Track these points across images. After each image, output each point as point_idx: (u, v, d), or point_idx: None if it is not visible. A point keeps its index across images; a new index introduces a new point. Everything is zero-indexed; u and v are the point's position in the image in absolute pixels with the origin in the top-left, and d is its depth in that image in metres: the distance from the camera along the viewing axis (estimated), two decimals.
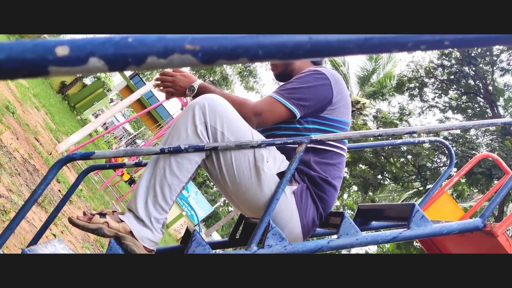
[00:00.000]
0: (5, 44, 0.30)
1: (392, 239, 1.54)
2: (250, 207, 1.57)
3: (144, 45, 0.31)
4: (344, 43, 0.34)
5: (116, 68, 0.32)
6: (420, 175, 12.24)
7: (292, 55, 0.34)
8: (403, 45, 0.35)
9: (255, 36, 0.33)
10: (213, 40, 0.32)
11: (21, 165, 3.69)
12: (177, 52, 0.32)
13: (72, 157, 1.39)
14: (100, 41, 0.31)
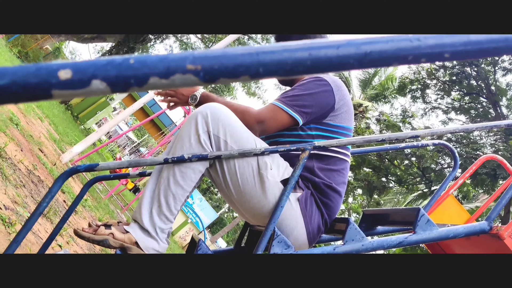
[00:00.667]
0: (8, 68, 0.30)
1: (398, 244, 1.54)
2: (255, 215, 1.57)
3: (145, 66, 0.32)
4: (344, 59, 0.34)
5: (118, 90, 0.32)
6: (424, 177, 12.21)
7: (292, 72, 0.34)
8: (403, 58, 0.35)
9: (255, 53, 0.33)
10: (214, 59, 0.33)
11: (26, 177, 3.70)
12: (179, 72, 0.32)
13: (76, 169, 1.40)
14: (102, 63, 0.31)
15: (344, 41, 0.35)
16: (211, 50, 0.33)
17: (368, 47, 0.34)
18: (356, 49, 0.34)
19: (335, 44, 0.34)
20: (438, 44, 0.35)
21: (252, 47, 0.33)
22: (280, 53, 0.34)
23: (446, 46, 0.35)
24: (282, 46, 0.34)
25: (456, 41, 0.36)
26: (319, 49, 0.34)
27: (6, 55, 11.80)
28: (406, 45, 0.35)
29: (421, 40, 0.35)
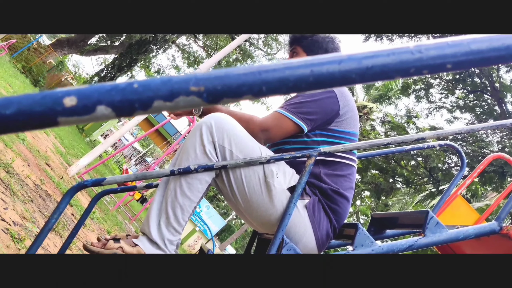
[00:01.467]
0: (13, 98, 0.31)
1: (408, 248, 1.53)
2: (263, 223, 1.56)
3: (149, 90, 0.32)
4: (346, 74, 0.34)
5: (123, 115, 0.32)
6: (432, 177, 12.15)
7: (295, 89, 0.34)
8: (405, 71, 0.35)
9: (257, 72, 0.34)
10: (216, 80, 0.33)
11: (34, 192, 3.72)
12: (182, 95, 0.32)
13: (83, 184, 1.40)
14: (106, 89, 0.32)
15: (345, 56, 0.35)
16: (214, 71, 0.33)
17: (369, 61, 0.34)
18: (358, 63, 0.34)
19: (336, 60, 0.35)
20: (439, 56, 0.35)
21: (254, 66, 0.34)
22: (282, 71, 0.34)
23: (448, 57, 0.35)
24: (284, 63, 0.34)
25: (457, 52, 0.36)
26: (321, 65, 0.34)
27: (10, 71, 11.90)
28: (407, 58, 0.35)
29: (422, 51, 0.35)
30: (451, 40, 0.36)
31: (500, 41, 0.36)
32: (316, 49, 1.84)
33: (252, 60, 20.75)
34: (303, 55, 1.84)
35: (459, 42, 0.36)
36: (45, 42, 22.31)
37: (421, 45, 0.36)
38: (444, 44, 0.36)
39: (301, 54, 1.85)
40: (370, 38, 13.75)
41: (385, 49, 0.35)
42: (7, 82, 8.49)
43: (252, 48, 20.73)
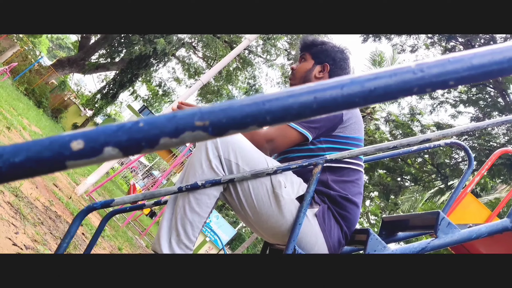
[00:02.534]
0: (21, 145, 0.31)
1: (421, 251, 1.52)
2: (274, 234, 1.56)
3: (155, 128, 0.32)
4: (349, 98, 0.34)
5: (130, 153, 0.32)
6: (439, 173, 12.09)
7: (299, 116, 0.34)
8: (408, 91, 0.35)
9: (261, 102, 0.34)
10: (221, 113, 0.33)
11: (43, 214, 3.73)
12: (188, 130, 0.33)
13: (93, 207, 1.41)
14: (112, 130, 0.32)
15: (348, 80, 0.35)
16: (217, 104, 0.34)
17: (372, 83, 0.35)
18: (361, 87, 0.34)
19: (339, 84, 0.35)
20: (441, 73, 0.35)
21: (257, 96, 0.34)
22: (286, 99, 0.34)
23: (450, 73, 0.35)
24: (287, 92, 0.34)
25: (459, 68, 0.36)
26: (324, 91, 0.34)
27: (13, 94, 12.00)
28: (410, 78, 0.35)
29: (424, 70, 0.35)
30: (452, 57, 0.36)
31: (501, 54, 0.36)
32: (323, 57, 1.86)
33: (252, 68, 20.81)
34: (310, 62, 1.88)
35: (460, 58, 0.36)
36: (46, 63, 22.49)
37: (422, 64, 0.36)
38: (445, 61, 0.36)
39: (309, 60, 1.89)
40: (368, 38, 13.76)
41: (387, 70, 0.35)
42: (11, 105, 8.55)
43: (251, 55, 20.80)
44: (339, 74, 1.88)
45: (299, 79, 1.90)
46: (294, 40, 19.90)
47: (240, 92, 21.30)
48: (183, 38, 20.10)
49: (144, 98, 22.71)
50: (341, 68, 1.88)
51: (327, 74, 1.87)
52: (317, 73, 1.87)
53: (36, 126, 9.22)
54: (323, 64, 1.87)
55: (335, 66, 1.87)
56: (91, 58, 20.97)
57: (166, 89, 22.48)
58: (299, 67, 1.92)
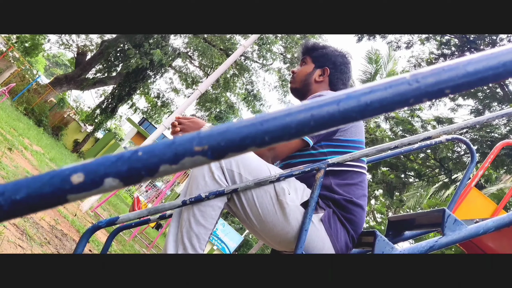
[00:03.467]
0: (22, 182, 0.31)
1: (429, 249, 1.51)
2: (281, 242, 1.55)
3: (154, 156, 0.32)
4: (346, 113, 0.34)
5: (131, 183, 0.32)
6: (443, 167, 12.06)
7: (298, 134, 0.34)
8: (404, 102, 0.35)
9: (258, 123, 0.34)
10: (219, 136, 0.33)
11: (49, 233, 3.73)
12: (187, 156, 0.33)
13: (98, 226, 1.41)
14: (111, 161, 0.32)
15: (343, 95, 0.35)
16: (216, 128, 0.34)
17: (368, 97, 0.35)
18: (357, 101, 0.34)
19: (335, 100, 0.35)
20: (437, 82, 0.35)
21: (255, 117, 0.34)
22: (283, 118, 0.34)
23: (445, 82, 0.35)
24: (284, 111, 0.34)
25: (454, 76, 0.36)
26: (320, 107, 0.34)
27: (13, 115, 12.03)
28: (405, 89, 0.35)
29: (419, 81, 0.35)
30: (446, 65, 0.36)
31: (496, 59, 0.36)
32: (324, 61, 1.88)
33: (249, 73, 20.84)
34: (311, 65, 1.89)
35: (455, 65, 0.36)
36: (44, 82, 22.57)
37: (417, 74, 0.36)
38: (440, 70, 0.36)
39: (309, 64, 1.90)
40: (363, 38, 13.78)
41: (382, 83, 0.35)
42: (11, 126, 8.57)
43: (247, 61, 20.85)
44: (340, 78, 1.88)
45: (299, 82, 1.91)
46: (289, 44, 19.95)
47: (238, 99, 21.33)
48: (178, 48, 20.17)
49: (143, 110, 22.74)
50: (342, 72, 1.88)
51: (327, 78, 1.88)
52: (317, 76, 1.88)
53: (37, 145, 9.24)
54: (323, 68, 1.87)
55: (335, 70, 1.87)
56: (88, 74, 21.04)
57: (164, 100, 22.52)
58: (299, 71, 1.93)
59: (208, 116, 20.48)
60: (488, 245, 2.01)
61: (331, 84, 1.89)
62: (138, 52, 17.62)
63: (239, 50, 7.59)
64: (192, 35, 19.42)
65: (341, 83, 1.90)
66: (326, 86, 1.89)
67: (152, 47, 17.53)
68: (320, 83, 1.89)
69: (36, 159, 6.89)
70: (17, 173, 4.69)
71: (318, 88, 1.87)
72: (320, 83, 1.89)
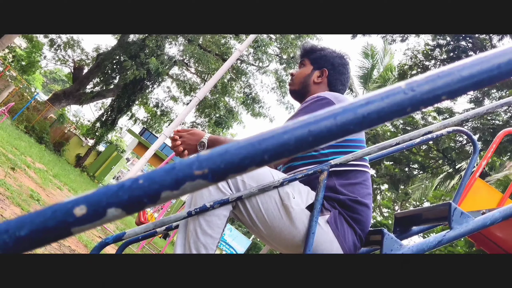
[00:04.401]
0: (25, 218, 0.31)
1: (438, 244, 1.51)
2: (288, 246, 1.55)
3: (154, 183, 0.32)
4: (344, 126, 0.34)
5: (134, 211, 0.32)
6: (446, 158, 12.04)
7: (297, 150, 0.34)
8: (402, 111, 0.35)
9: (257, 143, 0.34)
10: (218, 158, 0.33)
11: (57, 250, 3.73)
12: (188, 180, 0.33)
13: (105, 243, 1.41)
14: (113, 191, 0.32)
15: (340, 109, 0.35)
16: (215, 150, 0.34)
17: (364, 109, 0.35)
18: (354, 114, 0.34)
19: (332, 114, 0.35)
20: (432, 89, 0.35)
21: (253, 137, 0.34)
22: (280, 136, 0.34)
23: (441, 88, 0.35)
24: (281, 128, 0.34)
25: (449, 81, 0.36)
26: (317, 122, 0.34)
27: (14, 134, 12.05)
28: (401, 98, 0.35)
29: (415, 89, 0.35)
30: (441, 71, 0.36)
31: (489, 62, 0.36)
32: (322, 63, 1.89)
33: (246, 77, 20.86)
34: (309, 67, 1.91)
35: (449, 71, 0.36)
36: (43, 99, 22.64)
37: (412, 83, 0.36)
38: (435, 77, 0.36)
39: (308, 66, 1.92)
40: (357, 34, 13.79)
41: (378, 93, 0.35)
42: (13, 145, 8.59)
43: (243, 65, 20.87)
44: (338, 79, 1.89)
45: (298, 84, 1.92)
46: (284, 45, 19.97)
47: (237, 103, 21.34)
48: (174, 56, 20.21)
49: (143, 121, 22.77)
50: (340, 73, 1.89)
51: (326, 79, 1.88)
52: (315, 78, 1.89)
53: (40, 162, 9.25)
54: (322, 69, 1.88)
55: (333, 71, 1.88)
56: (86, 88, 21.08)
57: (163, 109, 22.55)
58: (298, 73, 1.94)
59: (208, 122, 20.50)
60: (497, 235, 2.01)
61: (330, 85, 1.89)
62: (134, 63, 17.66)
63: (235, 55, 7.60)
64: (187, 42, 19.46)
65: (340, 84, 1.90)
66: (325, 87, 1.89)
67: (147, 56, 17.57)
68: (319, 84, 1.89)
69: (39, 176, 6.90)
70: (21, 193, 4.70)
71: (317, 90, 1.88)
72: (319, 84, 1.89)
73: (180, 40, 20.35)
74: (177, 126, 7.44)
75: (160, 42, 18.38)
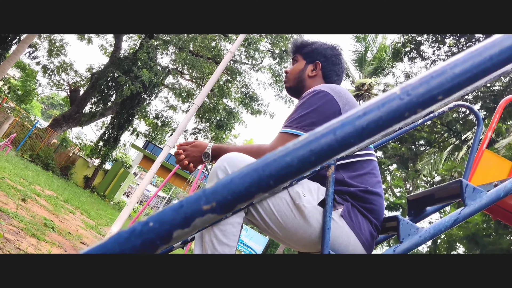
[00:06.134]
0: None
1: (454, 223, 1.50)
2: (305, 244, 1.55)
3: (165, 223, 0.32)
4: (345, 141, 0.34)
5: (148, 253, 0.32)
6: (451, 131, 12.00)
7: (301, 171, 0.34)
8: (400, 117, 0.35)
9: (260, 169, 0.34)
10: (224, 190, 0.33)
11: None
12: (198, 216, 0.33)
13: None
14: (124, 237, 0.32)
15: (338, 123, 0.35)
16: (220, 182, 0.34)
17: (363, 120, 0.34)
18: (352, 127, 0.34)
19: (331, 130, 0.35)
20: (428, 90, 0.35)
21: (256, 163, 0.34)
22: (283, 159, 0.34)
23: (436, 89, 0.35)
24: (282, 151, 0.34)
25: (444, 80, 0.35)
26: (318, 140, 0.34)
27: (20, 164, 12.11)
28: (398, 104, 0.35)
29: (410, 93, 0.35)
30: (433, 71, 0.36)
31: (481, 55, 0.36)
32: (314, 56, 1.89)
33: (241, 76, 20.85)
34: (302, 62, 1.91)
35: (442, 70, 0.36)
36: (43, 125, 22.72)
37: (406, 87, 0.35)
38: (429, 78, 0.35)
39: (300, 61, 1.92)
40: None
41: (374, 102, 0.35)
42: (20, 176, 8.63)
43: (237, 65, 20.86)
44: (332, 70, 1.88)
45: (293, 80, 1.92)
46: (274, 39, 19.93)
47: (236, 103, 21.33)
48: (167, 66, 20.22)
49: (145, 134, 22.82)
50: (334, 63, 1.89)
51: (320, 71, 1.88)
52: (309, 72, 1.89)
53: (49, 189, 9.29)
54: (315, 62, 1.88)
55: (327, 63, 1.88)
56: (85, 109, 21.14)
57: (164, 119, 22.58)
58: (292, 69, 1.94)
59: (209, 127, 20.51)
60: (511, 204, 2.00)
61: (325, 77, 1.89)
62: (128, 78, 17.69)
63: (227, 57, 7.59)
64: (177, 50, 19.46)
65: (335, 75, 1.90)
66: (320, 80, 1.89)
67: (140, 70, 17.59)
68: (314, 78, 1.89)
69: (50, 204, 6.93)
70: (35, 222, 4.72)
71: (312, 83, 1.87)
72: (313, 78, 1.89)
73: (170, 49, 20.36)
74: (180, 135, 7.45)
75: (151, 54, 18.40)
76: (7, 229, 3.83)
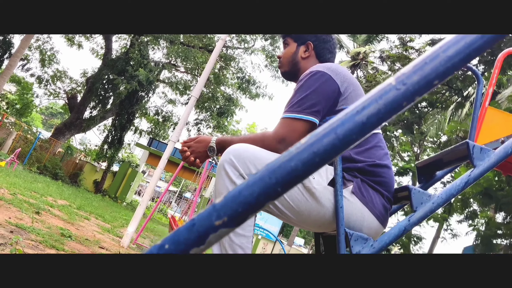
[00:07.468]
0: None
1: (465, 185, 1.51)
2: (321, 225, 1.56)
3: (180, 244, 0.33)
4: (347, 138, 0.34)
5: None
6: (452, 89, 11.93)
7: (307, 173, 0.34)
8: (399, 107, 0.35)
9: (267, 177, 0.34)
10: (233, 203, 0.33)
11: None
12: (211, 233, 0.33)
13: None
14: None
15: (338, 121, 0.35)
16: (228, 196, 0.34)
17: (362, 116, 0.34)
18: (353, 123, 0.34)
19: (332, 129, 0.35)
20: (423, 77, 0.35)
21: (263, 172, 0.34)
22: (287, 164, 0.34)
23: (431, 74, 0.35)
24: (287, 155, 0.35)
25: (438, 64, 0.35)
26: (320, 141, 0.34)
27: (28, 178, 12.19)
28: (395, 95, 0.35)
29: (405, 82, 0.35)
30: (426, 56, 0.36)
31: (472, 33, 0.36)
32: (305, 36, 1.89)
33: (236, 61, 20.73)
34: (293, 45, 1.90)
35: (435, 54, 0.35)
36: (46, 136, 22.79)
37: (401, 76, 0.35)
38: (422, 64, 0.35)
39: (291, 44, 1.91)
40: None
41: (371, 96, 0.35)
42: (31, 190, 8.70)
43: (230, 51, 20.72)
44: (324, 47, 1.87)
45: (287, 64, 1.91)
46: None
47: (233, 89, 21.26)
48: (160, 61, 20.12)
49: (148, 131, 22.86)
50: (325, 41, 1.88)
51: (313, 51, 1.87)
52: (302, 53, 1.88)
53: (61, 199, 9.37)
54: (306, 43, 1.87)
55: (318, 41, 1.87)
56: (85, 115, 21.16)
57: (164, 114, 22.58)
58: (284, 53, 1.93)
59: (210, 116, 20.49)
60: None
61: (318, 56, 1.88)
62: (123, 78, 17.65)
63: (219, 44, 7.55)
64: (169, 44, 19.34)
65: (328, 52, 1.89)
66: (314, 60, 1.88)
67: (134, 68, 17.53)
68: (308, 59, 1.88)
69: (64, 213, 7.00)
70: (52, 234, 4.77)
71: (307, 64, 1.86)
72: (307, 59, 1.88)
73: (162, 43, 20.23)
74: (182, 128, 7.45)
75: (143, 51, 18.30)
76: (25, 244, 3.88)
